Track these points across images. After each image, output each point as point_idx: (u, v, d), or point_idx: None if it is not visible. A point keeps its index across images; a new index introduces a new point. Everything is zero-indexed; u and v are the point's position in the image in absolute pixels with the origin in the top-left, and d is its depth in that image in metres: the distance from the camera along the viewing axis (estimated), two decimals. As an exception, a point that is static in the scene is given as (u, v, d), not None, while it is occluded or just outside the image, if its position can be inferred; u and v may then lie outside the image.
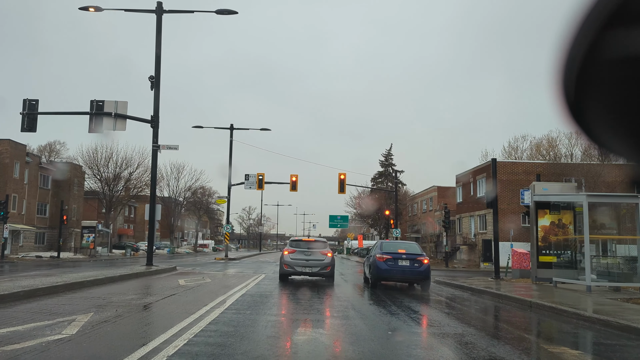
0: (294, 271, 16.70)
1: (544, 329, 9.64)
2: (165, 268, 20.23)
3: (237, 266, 28.84)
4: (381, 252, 15.66)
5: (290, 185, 41.08)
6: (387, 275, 15.38)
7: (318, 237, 19.08)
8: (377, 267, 15.38)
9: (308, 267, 16.59)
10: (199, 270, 21.78)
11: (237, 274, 20.79)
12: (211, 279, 16.81)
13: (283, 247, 17.62)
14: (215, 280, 16.41)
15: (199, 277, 17.60)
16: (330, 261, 16.83)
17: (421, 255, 15.67)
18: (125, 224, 78.94)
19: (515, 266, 22.29)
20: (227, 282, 16.27)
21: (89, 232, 48.98)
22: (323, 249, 17.07)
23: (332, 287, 15.84)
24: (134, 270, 17.69)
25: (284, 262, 16.77)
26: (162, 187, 71.52)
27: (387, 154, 68.09)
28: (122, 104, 20.81)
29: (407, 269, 15.25)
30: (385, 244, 16.69)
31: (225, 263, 33.61)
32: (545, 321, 10.14)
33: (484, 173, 42.20)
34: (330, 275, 16.95)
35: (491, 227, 41.43)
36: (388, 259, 15.35)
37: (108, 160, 54.02)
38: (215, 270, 23.02)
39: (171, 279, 16.51)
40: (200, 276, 17.96)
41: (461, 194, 48.25)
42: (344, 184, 41.00)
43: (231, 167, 41.75)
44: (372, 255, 16.27)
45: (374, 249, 16.93)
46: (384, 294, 13.83)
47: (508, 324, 9.78)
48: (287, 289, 14.62)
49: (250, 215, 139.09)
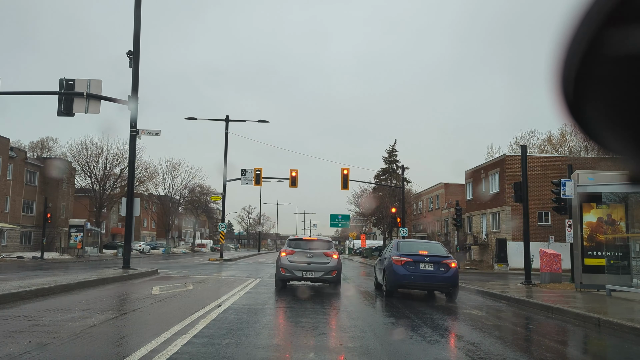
0: (292, 276, 13.98)
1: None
2: (143, 272, 17.49)
3: (230, 268, 26.09)
4: (399, 253, 12.92)
5: (289, 181, 38.39)
6: (406, 282, 12.63)
7: (321, 236, 16.33)
8: (394, 272, 12.64)
9: (310, 272, 13.88)
10: (184, 274, 19.04)
11: (228, 278, 18.05)
12: (194, 286, 14.07)
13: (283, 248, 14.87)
14: (198, 288, 13.68)
15: (180, 283, 14.87)
16: (336, 264, 14.11)
17: (447, 257, 12.92)
18: (119, 223, 76.18)
19: (545, 269, 19.51)
20: (211, 289, 13.55)
21: (77, 231, 46.18)
22: (327, 250, 14.35)
23: (338, 296, 13.11)
24: (103, 275, 14.95)
25: (281, 266, 14.06)
26: (157, 184, 69.08)
27: (391, 150, 65.23)
28: (96, 82, 18.08)
29: (430, 274, 12.51)
30: (403, 244, 13.93)
31: (219, 265, 30.87)
32: (635, 350, 7.40)
33: (497, 168, 39.45)
34: (336, 281, 14.23)
35: (505, 226, 38.72)
36: (407, 263, 12.61)
37: (98, 156, 51.30)
38: (203, 273, 20.28)
39: (145, 286, 13.77)
40: (182, 282, 15.23)
41: (471, 190, 45.49)
42: (347, 180, 38.33)
43: (227, 162, 39.04)
44: (387, 257, 13.53)
45: (389, 250, 14.19)
46: (405, 307, 11.09)
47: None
48: (284, 299, 11.89)
49: (250, 214, 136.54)
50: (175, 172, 70.76)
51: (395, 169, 64.90)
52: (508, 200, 37.73)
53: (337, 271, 14.11)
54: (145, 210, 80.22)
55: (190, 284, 14.43)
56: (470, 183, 45.77)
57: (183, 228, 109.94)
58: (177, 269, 22.91)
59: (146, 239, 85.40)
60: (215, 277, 18.37)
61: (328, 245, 14.71)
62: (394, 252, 13.12)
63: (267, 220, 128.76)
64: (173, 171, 70.62)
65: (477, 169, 44.25)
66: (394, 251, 13.24)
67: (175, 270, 21.50)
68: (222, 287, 14.18)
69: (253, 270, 24.36)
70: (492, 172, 40.58)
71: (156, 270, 18.76)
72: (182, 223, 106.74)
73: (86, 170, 51.98)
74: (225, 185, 39.14)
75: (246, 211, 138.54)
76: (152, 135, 18.23)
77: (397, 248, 13.37)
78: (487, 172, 41.39)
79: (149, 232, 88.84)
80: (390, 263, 12.96)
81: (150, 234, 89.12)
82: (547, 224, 37.35)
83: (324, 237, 15.65)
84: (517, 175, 38.05)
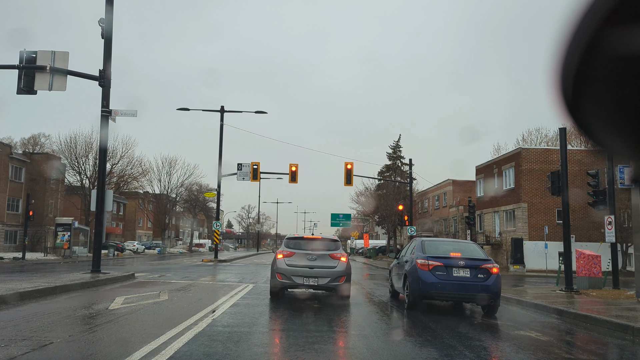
0: (291, 283, 11.32)
1: None
2: (115, 276, 14.81)
3: (223, 271, 23.43)
4: (425, 256, 10.23)
5: (289, 176, 35.74)
6: (435, 292, 9.95)
7: (326, 235, 13.66)
8: (420, 279, 9.96)
9: (312, 278, 11.21)
10: (166, 279, 16.35)
11: (216, 283, 15.39)
12: (170, 295, 11.39)
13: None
14: (174, 298, 11.00)
15: (154, 291, 12.19)
16: (344, 269, 11.44)
17: (486, 261, 10.24)
18: (113, 222, 73.53)
19: (582, 273, 16.83)
20: (190, 301, 10.89)
21: (64, 230, 43.48)
22: (334, 251, 11.69)
23: (347, 309, 10.46)
24: (60, 282, 12.26)
25: (277, 271, 11.40)
26: (152, 181, 66.47)
27: (395, 146, 62.53)
28: (62, 55, 15.43)
29: (467, 282, 9.83)
30: (429, 244, 11.18)
31: (212, 266, 28.20)
32: None
33: (512, 162, 36.74)
34: (344, 290, 11.56)
35: (521, 224, 35.99)
36: (437, 268, 9.93)
37: (87, 151, 48.62)
38: (191, 277, 17.62)
39: (108, 296, 11.09)
40: (158, 290, 12.54)
41: (482, 187, 42.77)
42: (351, 175, 35.68)
43: (221, 155, 36.35)
44: (409, 260, 10.85)
45: (410, 251, 11.49)
46: (439, 326, 8.43)
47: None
48: (280, 317, 9.24)
49: (249, 213, 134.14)
50: (172, 169, 67.98)
51: (399, 166, 62.15)
52: (524, 197, 35.07)
53: (347, 277, 11.44)
54: (140, 209, 77.63)
55: (166, 293, 11.75)
56: (481, 179, 43.06)
57: (181, 227, 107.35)
58: (162, 272, 20.24)
59: (142, 238, 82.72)
60: (202, 282, 15.70)
61: (335, 245, 12.03)
62: (419, 255, 10.44)
63: (267, 219, 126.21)
64: (169, 168, 67.85)
65: (489, 164, 41.57)
66: (419, 253, 10.56)
67: (158, 274, 18.82)
68: (204, 297, 11.52)
69: (248, 273, 21.69)
70: (505, 167, 37.87)
71: (132, 275, 16.08)
72: (180, 222, 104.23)
73: (75, 166, 49.37)
74: (220, 181, 36.53)
75: (246, 210, 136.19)
76: (128, 117, 15.57)
77: (422, 249, 10.67)
78: (500, 167, 38.69)
79: (145, 232, 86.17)
80: (413, 268, 10.28)
81: (146, 234, 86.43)
82: (567, 222, 34.58)
83: (329, 236, 12.94)
84: (534, 169, 35.43)
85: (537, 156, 35.41)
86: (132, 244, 62.10)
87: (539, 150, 36.31)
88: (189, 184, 68.82)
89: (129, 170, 50.45)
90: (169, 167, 67.73)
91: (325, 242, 12.02)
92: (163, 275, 18.22)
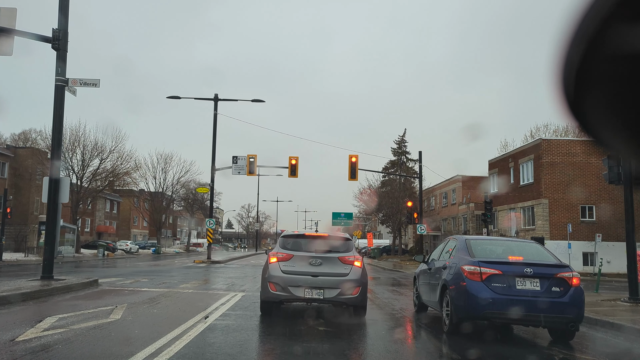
0: (288, 296, 8.44)
1: None
2: (70, 284, 11.88)
3: (213, 274, 20.57)
4: (474, 261, 7.31)
5: (289, 170, 32.86)
6: (491, 312, 7.00)
7: (335, 232, 10.71)
8: (469, 293, 7.06)
9: (317, 290, 8.32)
10: (136, 287, 13.40)
11: (197, 292, 12.49)
12: (125, 313, 8.47)
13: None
14: (128, 317, 8.08)
15: (109, 305, 9.26)
16: (359, 277, 8.54)
17: (562, 267, 7.30)
18: (106, 221, 70.72)
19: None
20: (149, 321, 7.99)
21: (48, 228, 40.60)
22: (345, 253, 8.78)
23: (363, 331, 7.62)
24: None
25: (270, 280, 8.51)
26: (146, 177, 63.64)
27: (400, 141, 59.73)
28: (8, 11, 12.53)
29: (537, 298, 6.90)
30: (476, 243, 8.19)
31: (202, 269, 25.34)
32: None
33: (530, 155, 33.79)
34: (359, 304, 8.67)
35: (541, 222, 33.02)
36: (493, 277, 7.01)
37: (75, 144, 45.70)
38: (169, 283, 14.72)
39: (41, 312, 8.20)
40: (114, 303, 9.62)
41: (496, 182, 39.82)
42: (356, 169, 32.85)
43: (215, 147, 33.44)
44: (449, 266, 7.93)
45: (449, 252, 8.56)
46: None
47: None
48: (270, 349, 6.36)
49: (249, 212, 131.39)
50: (167, 166, 65.07)
51: (405, 161, 59.24)
52: (545, 192, 32.12)
53: (362, 288, 8.54)
54: (135, 207, 74.70)
55: (123, 309, 8.83)
56: (495, 174, 40.12)
57: (179, 226, 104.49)
58: (140, 276, 17.34)
59: (137, 238, 79.85)
60: (180, 290, 12.79)
61: (346, 245, 9.12)
62: (465, 259, 7.51)
63: (267, 218, 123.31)
64: (164, 165, 64.94)
65: (504, 157, 38.66)
66: (464, 256, 7.64)
67: (132, 279, 15.90)
68: (172, 315, 8.61)
69: (240, 277, 18.80)
70: (523, 161, 34.92)
71: (95, 282, 13.15)
72: (178, 221, 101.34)
73: (61, 160, 46.44)
74: (213, 175, 33.59)
75: (245, 209, 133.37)
76: (88, 87, 12.66)
77: (468, 250, 7.74)
78: (517, 161, 35.73)
79: (140, 231, 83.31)
80: (458, 277, 7.37)
81: (142, 233, 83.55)
82: (592, 219, 31.76)
83: (339, 234, 9.97)
84: (556, 162, 32.45)
85: (559, 148, 32.45)
86: (125, 243, 59.20)
87: (561, 141, 33.31)
88: (185, 181, 65.88)
89: (119, 166, 47.48)
90: (164, 164, 64.87)
91: (334, 241, 9.11)
92: (137, 281, 15.30)
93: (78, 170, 45.95)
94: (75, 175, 46.08)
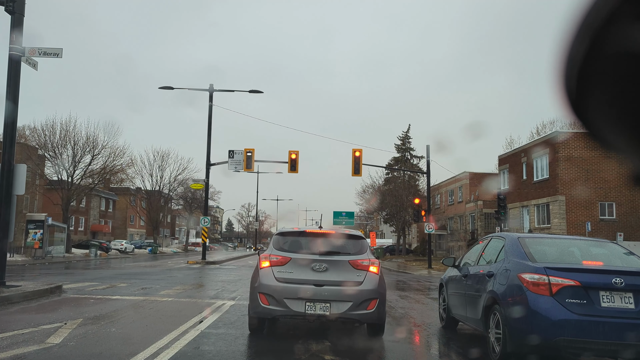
0: (284, 312, 6.46)
1: None
2: (24, 292, 9.87)
3: (204, 277, 18.62)
4: (538, 266, 5.31)
5: (288, 165, 30.95)
6: (567, 340, 4.97)
7: (342, 229, 8.65)
8: (533, 311, 5.06)
9: (321, 303, 6.35)
10: (108, 294, 11.37)
11: (178, 301, 10.48)
12: (71, 334, 6.48)
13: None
14: (70, 342, 6.08)
15: (57, 322, 7.27)
16: (376, 287, 6.56)
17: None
18: (101, 220, 68.78)
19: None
20: (100, 347, 5.99)
21: (36, 227, 38.62)
22: (358, 256, 6.79)
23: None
24: None
25: (262, 290, 6.54)
26: (142, 174, 61.75)
27: (404, 137, 57.73)
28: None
29: (631, 318, 4.92)
30: (532, 242, 6.13)
31: (195, 270, 23.37)
32: None
33: (545, 149, 31.75)
34: (376, 321, 6.69)
35: (557, 220, 31.01)
36: (567, 290, 5.02)
37: (65, 139, 43.77)
38: (147, 290, 12.72)
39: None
40: (65, 319, 7.63)
41: (506, 179, 37.82)
42: (360, 163, 30.88)
43: (210, 141, 31.48)
44: (497, 272, 5.93)
45: (492, 255, 6.58)
46: None
47: None
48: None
49: (249, 212, 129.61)
50: (164, 163, 63.12)
51: (409, 158, 57.25)
52: (562, 189, 30.10)
53: (380, 301, 6.55)
54: (132, 206, 72.70)
55: (70, 328, 6.84)
56: (506, 170, 38.12)
57: (177, 226, 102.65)
58: (120, 280, 15.36)
59: (134, 237, 77.89)
60: (159, 299, 10.79)
61: (358, 245, 7.11)
62: (522, 264, 5.52)
63: (268, 218, 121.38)
64: (161, 162, 62.98)
65: (516, 152, 36.68)
66: (518, 259, 5.65)
67: (108, 283, 13.90)
68: (130, 338, 6.61)
69: (234, 280, 16.83)
70: (537, 155, 32.86)
71: (58, 287, 11.13)
72: (176, 220, 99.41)
73: (52, 157, 44.51)
74: (208, 170, 31.61)
75: (245, 209, 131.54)
76: (49, 58, 10.67)
77: (525, 253, 5.75)
78: (530, 155, 33.66)
79: (137, 230, 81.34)
80: (514, 288, 5.39)
81: (139, 232, 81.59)
82: (612, 217, 29.75)
83: (350, 230, 7.95)
84: (573, 156, 30.40)
85: (577, 141, 30.38)
86: (120, 243, 57.22)
87: (579, 134, 31.15)
88: (183, 179, 63.93)
89: (112, 162, 45.53)
90: (161, 161, 62.93)
91: (343, 240, 7.11)
92: (113, 286, 13.28)
93: (69, 167, 44.04)
94: (66, 172, 44.19)
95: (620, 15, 0.67)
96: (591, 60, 0.73)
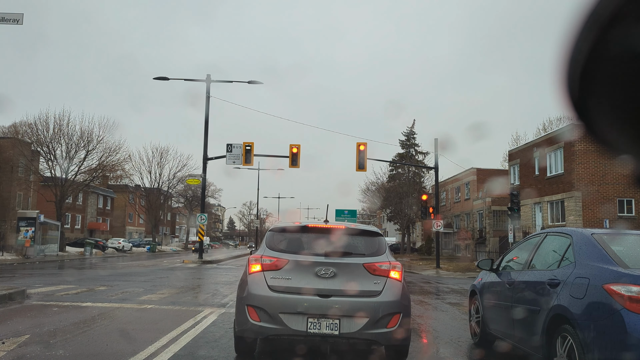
0: (280, 330, 4.88)
1: None
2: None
3: (197, 278, 17.10)
4: (633, 274, 3.76)
5: (289, 159, 29.44)
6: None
7: (354, 224, 7.02)
8: (633, 337, 3.50)
9: (327, 320, 4.80)
10: (77, 301, 9.78)
11: (157, 310, 8.94)
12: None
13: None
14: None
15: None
16: (399, 297, 5.00)
17: None
18: (98, 217, 67.34)
19: None
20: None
21: (28, 225, 37.15)
22: (374, 258, 5.24)
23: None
24: None
25: (250, 302, 4.98)
26: (141, 172, 60.40)
27: (409, 133, 56.14)
28: None
29: None
30: (611, 239, 4.64)
31: (189, 270, 21.86)
32: None
33: (559, 142, 30.14)
34: (400, 342, 5.10)
35: (573, 217, 29.31)
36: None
37: (58, 133, 42.31)
38: (124, 295, 11.16)
39: None
40: (8, 335, 6.11)
41: (517, 174, 36.23)
42: (365, 158, 29.36)
43: (207, 133, 29.92)
44: (569, 280, 4.37)
45: (553, 257, 5.02)
46: None
47: None
48: None
49: (251, 210, 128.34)
50: (163, 160, 61.69)
51: (414, 154, 55.67)
52: (578, 184, 28.47)
53: (402, 316, 4.98)
54: (130, 203, 71.23)
55: (5, 351, 5.32)
56: (516, 165, 36.51)
57: (177, 224, 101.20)
58: (101, 283, 13.83)
59: (133, 235, 76.46)
60: (135, 307, 9.24)
61: (375, 243, 5.56)
62: (607, 270, 3.98)
63: (270, 216, 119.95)
64: (160, 159, 61.53)
65: (528, 146, 35.06)
66: (598, 263, 4.11)
67: (85, 287, 12.36)
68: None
69: (229, 282, 15.29)
70: (551, 149, 31.24)
71: (20, 292, 9.58)
72: (176, 218, 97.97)
73: (45, 152, 43.07)
74: (205, 164, 30.09)
75: (247, 207, 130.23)
76: (8, 24, 9.14)
77: (607, 254, 4.19)
78: (544, 150, 32.02)
79: (136, 228, 79.88)
80: (597, 304, 3.85)
81: (138, 230, 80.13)
82: (631, 214, 28.14)
83: (363, 225, 6.33)
84: (590, 150, 28.61)
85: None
86: (118, 241, 55.76)
87: (595, 126, 29.65)
88: (182, 176, 62.41)
89: (106, 157, 44.04)
90: (160, 158, 61.49)
91: (355, 237, 5.57)
92: (89, 290, 11.74)
93: (62, 162, 42.59)
94: (60, 168, 42.74)
95: (624, 15, 0.66)
96: (594, 61, 0.71)
